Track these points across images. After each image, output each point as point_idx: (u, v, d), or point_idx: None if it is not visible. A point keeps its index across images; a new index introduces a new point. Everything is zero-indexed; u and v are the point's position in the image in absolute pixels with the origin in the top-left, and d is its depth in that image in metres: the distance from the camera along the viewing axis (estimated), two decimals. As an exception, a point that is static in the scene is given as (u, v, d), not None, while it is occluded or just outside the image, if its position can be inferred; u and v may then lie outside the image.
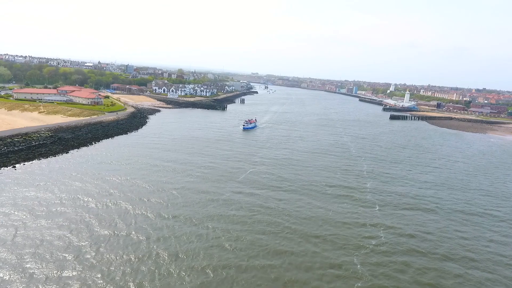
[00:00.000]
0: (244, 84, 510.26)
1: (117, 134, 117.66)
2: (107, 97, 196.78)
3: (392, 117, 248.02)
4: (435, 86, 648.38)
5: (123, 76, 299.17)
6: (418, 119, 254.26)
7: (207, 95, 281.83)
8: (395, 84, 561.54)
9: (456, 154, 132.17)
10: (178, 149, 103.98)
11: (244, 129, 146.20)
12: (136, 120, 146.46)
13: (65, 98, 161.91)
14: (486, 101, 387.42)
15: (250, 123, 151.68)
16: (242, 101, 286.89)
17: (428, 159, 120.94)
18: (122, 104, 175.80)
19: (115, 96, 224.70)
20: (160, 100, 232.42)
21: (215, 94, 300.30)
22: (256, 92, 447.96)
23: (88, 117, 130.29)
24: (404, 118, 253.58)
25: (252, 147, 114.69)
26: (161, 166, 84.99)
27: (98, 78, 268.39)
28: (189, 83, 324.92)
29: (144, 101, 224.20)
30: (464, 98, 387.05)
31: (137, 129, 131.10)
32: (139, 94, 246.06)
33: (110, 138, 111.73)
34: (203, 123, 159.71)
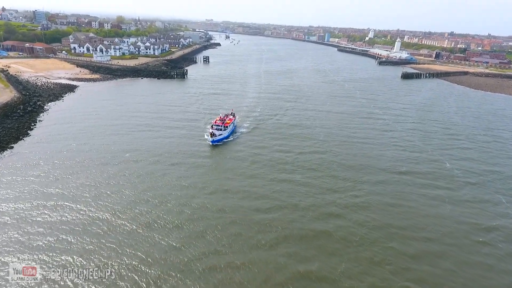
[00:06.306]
0: (202, 34, 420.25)
1: None
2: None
3: (405, 76, 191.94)
4: (404, 31, 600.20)
5: (26, 29, 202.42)
6: (433, 77, 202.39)
7: (157, 53, 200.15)
8: (374, 30, 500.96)
9: None
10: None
11: (214, 143, 69.22)
12: (8, 123, 72.76)
13: None
14: (479, 48, 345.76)
15: (224, 127, 72.96)
16: (206, 60, 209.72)
17: None
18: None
19: (4, 62, 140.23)
20: (81, 66, 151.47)
21: (168, 51, 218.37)
22: (219, 44, 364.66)
23: None
24: (418, 76, 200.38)
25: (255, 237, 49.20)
26: None
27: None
28: (129, 36, 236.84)
29: (55, 69, 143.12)
30: (458, 46, 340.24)
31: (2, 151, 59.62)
32: (48, 57, 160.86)
33: None
34: (147, 114, 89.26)
